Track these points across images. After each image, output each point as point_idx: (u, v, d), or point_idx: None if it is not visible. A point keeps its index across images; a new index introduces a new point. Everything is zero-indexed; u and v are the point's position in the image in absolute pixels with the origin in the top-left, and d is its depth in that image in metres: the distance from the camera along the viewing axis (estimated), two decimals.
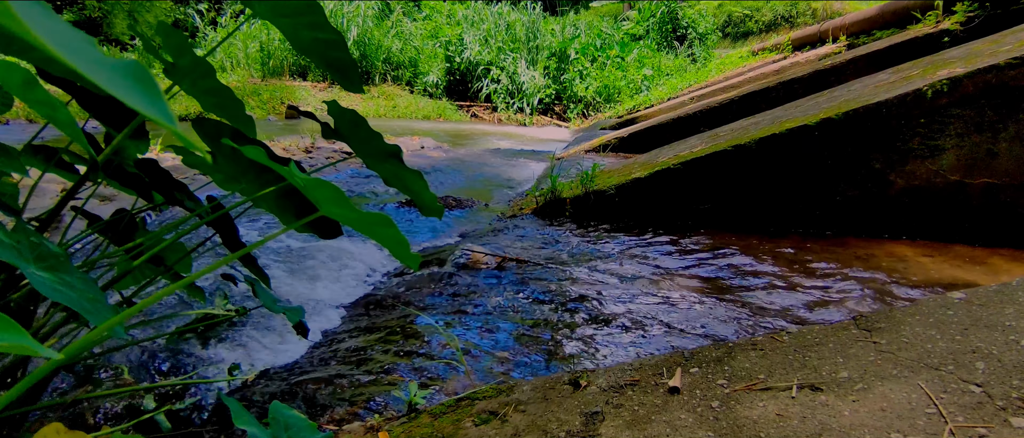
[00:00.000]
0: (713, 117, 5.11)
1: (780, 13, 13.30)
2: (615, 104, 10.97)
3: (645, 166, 3.13)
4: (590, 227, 2.96)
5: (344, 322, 1.93)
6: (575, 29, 13.66)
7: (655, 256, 2.43)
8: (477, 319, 1.85)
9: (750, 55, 10.40)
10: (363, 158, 1.11)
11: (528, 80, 11.33)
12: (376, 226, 0.68)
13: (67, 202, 1.07)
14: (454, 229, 3.16)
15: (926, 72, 2.59)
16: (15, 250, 0.70)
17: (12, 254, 0.68)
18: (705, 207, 2.87)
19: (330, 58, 1.05)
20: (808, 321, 1.71)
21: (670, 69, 12.05)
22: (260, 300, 1.33)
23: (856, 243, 2.45)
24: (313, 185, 0.65)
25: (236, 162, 1.02)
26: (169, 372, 1.50)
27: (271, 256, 2.42)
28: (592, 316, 1.83)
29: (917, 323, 1.27)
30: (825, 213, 2.64)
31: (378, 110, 10.18)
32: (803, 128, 2.59)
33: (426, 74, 11.99)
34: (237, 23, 12.64)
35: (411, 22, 13.64)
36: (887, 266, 2.12)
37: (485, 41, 12.13)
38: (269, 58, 11.34)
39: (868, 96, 2.60)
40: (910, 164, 2.46)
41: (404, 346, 1.64)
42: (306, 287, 2.13)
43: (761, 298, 1.92)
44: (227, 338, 1.66)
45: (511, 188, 4.44)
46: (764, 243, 2.51)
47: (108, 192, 3.14)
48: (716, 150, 2.79)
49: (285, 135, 6.18)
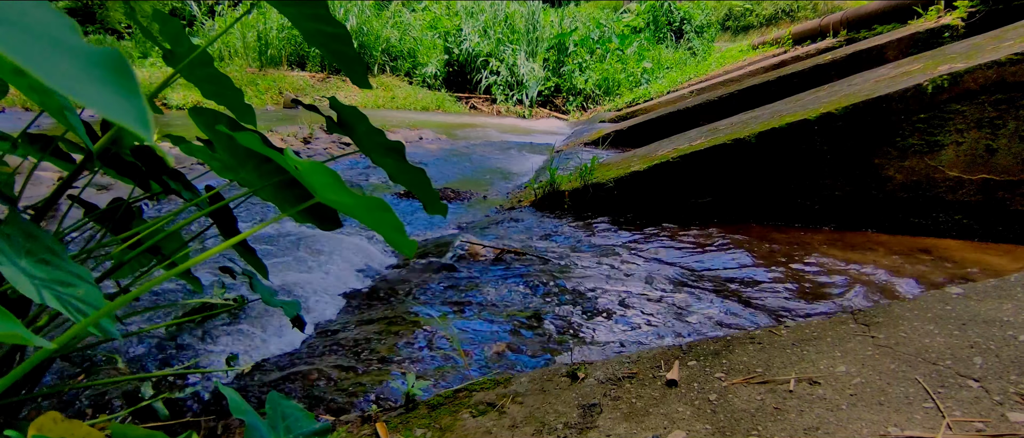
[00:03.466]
0: (713, 111, 5.10)
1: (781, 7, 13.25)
2: (614, 97, 10.94)
3: (644, 159, 3.13)
4: (588, 220, 2.96)
5: (342, 313, 1.93)
6: (574, 21, 13.60)
7: (653, 249, 2.43)
8: (475, 310, 1.84)
9: (750, 49, 10.37)
10: (366, 153, 1.11)
11: (527, 72, 11.29)
12: (372, 211, 0.68)
13: (64, 191, 1.06)
14: (452, 221, 3.15)
15: (927, 67, 2.59)
16: (6, 243, 0.69)
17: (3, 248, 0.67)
18: (704, 201, 2.86)
19: (335, 50, 1.04)
20: (807, 315, 1.71)
21: (670, 62, 12.02)
22: (257, 293, 1.33)
23: (855, 237, 2.46)
24: (309, 170, 0.64)
25: (234, 151, 1.01)
26: (167, 362, 1.50)
27: (270, 247, 2.41)
28: (590, 308, 1.83)
29: (915, 318, 1.28)
30: (824, 207, 2.64)
31: (376, 101, 10.13)
32: (803, 122, 2.59)
33: (425, 65, 11.94)
34: (235, 13, 12.56)
35: (410, 13, 13.56)
36: (885, 261, 2.13)
37: (484, 32, 12.07)
38: (267, 47, 11.27)
39: (868, 91, 2.60)
40: (909, 159, 2.45)
41: (402, 337, 1.64)
42: (304, 278, 2.13)
43: (759, 291, 1.92)
44: (226, 328, 1.66)
45: (510, 180, 4.43)
46: (763, 237, 2.51)
47: (105, 181, 3.13)
48: (716, 144, 2.79)
49: (283, 125, 6.15)
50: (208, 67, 1.07)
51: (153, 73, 9.29)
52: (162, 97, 7.64)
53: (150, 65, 10.23)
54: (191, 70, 1.09)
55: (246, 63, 11.07)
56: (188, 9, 13.40)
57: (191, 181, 1.29)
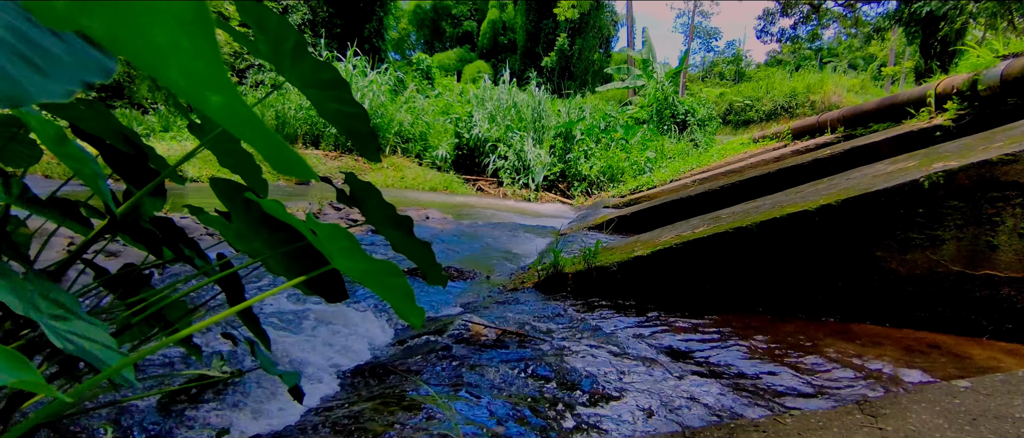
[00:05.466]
0: (715, 200, 5.20)
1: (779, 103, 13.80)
2: (618, 183, 11.19)
3: (647, 244, 3.16)
4: (591, 303, 2.95)
5: (340, 389, 1.89)
6: (581, 111, 14.16)
7: (655, 334, 2.41)
8: (475, 392, 1.81)
9: (751, 142, 10.70)
10: (375, 225, 1.15)
11: (534, 157, 11.63)
12: (385, 276, 0.70)
13: (79, 255, 1.09)
14: (455, 300, 3.15)
15: (922, 164, 2.67)
16: (29, 301, 0.72)
17: (26, 306, 0.70)
18: (707, 288, 2.86)
19: (351, 128, 1.11)
20: (812, 405, 1.67)
21: (673, 152, 12.39)
22: (258, 361, 1.32)
23: (860, 328, 2.43)
24: (330, 234, 0.67)
25: (250, 220, 1.05)
26: (157, 435, 1.46)
27: (272, 320, 2.41)
28: (591, 393, 1.79)
29: (923, 410, 1.25)
30: (828, 298, 2.63)
31: (387, 180, 10.39)
32: (803, 213, 2.64)
33: (435, 148, 12.34)
34: (257, 96, 13.19)
35: (424, 99, 14.18)
36: (891, 353, 2.09)
37: (493, 119, 12.56)
38: (284, 126, 11.74)
39: (866, 185, 2.67)
40: (911, 253, 2.47)
41: (399, 417, 1.60)
42: (304, 352, 2.11)
43: (763, 380, 1.88)
44: (221, 400, 1.63)
45: (514, 261, 4.46)
46: (766, 325, 2.49)
47: (114, 248, 3.17)
48: (718, 231, 2.83)
49: (294, 200, 6.29)
50: (234, 143, 1.14)
51: (173, 146, 9.64)
52: (180, 170, 7.88)
53: (170, 138, 10.64)
54: (216, 143, 1.15)
55: None
56: None
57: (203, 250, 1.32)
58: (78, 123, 1.06)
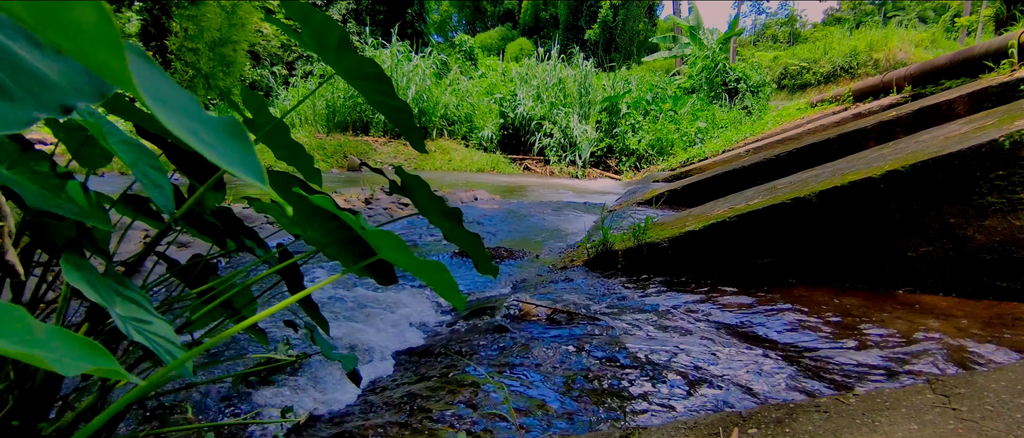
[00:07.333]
0: (770, 169, 5.00)
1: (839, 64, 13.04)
2: (668, 157, 10.92)
3: (699, 219, 3.08)
4: (642, 280, 2.91)
5: (395, 370, 1.96)
6: (627, 84, 13.84)
7: (710, 311, 2.36)
8: (527, 371, 1.83)
9: (808, 107, 10.19)
10: (425, 215, 1.17)
11: (580, 134, 11.49)
12: (430, 271, 0.72)
13: (152, 248, 1.16)
14: (505, 280, 3.18)
15: (1002, 122, 2.47)
16: (104, 292, 0.78)
17: (101, 296, 0.75)
18: (764, 262, 2.77)
19: (397, 120, 1.13)
20: (878, 383, 1.60)
21: (724, 122, 11.95)
22: (318, 346, 1.38)
23: (931, 301, 2.30)
24: (376, 235, 0.69)
25: (304, 210, 1.09)
26: (232, 412, 1.56)
27: (330, 305, 2.51)
28: (644, 371, 1.78)
29: (1003, 390, 1.17)
30: (895, 269, 2.50)
31: (435, 164, 10.53)
32: (867, 181, 2.50)
33: (481, 129, 12.37)
34: (307, 86, 13.56)
35: (467, 80, 14.20)
36: (967, 327, 1.97)
37: (538, 97, 12.46)
38: (334, 114, 12.05)
39: (938, 147, 2.50)
40: (989, 219, 2.31)
41: (453, 396, 1.64)
42: (361, 335, 2.19)
43: (825, 357, 1.82)
44: (287, 382, 1.72)
45: (562, 240, 4.45)
46: (828, 299, 2.39)
47: (184, 239, 3.37)
48: (775, 202, 2.72)
49: (347, 187, 6.48)
50: (284, 135, 1.18)
51: None
52: None
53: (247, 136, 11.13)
54: (269, 137, 1.20)
55: (314, 129, 11.83)
56: (266, 82, 14.59)
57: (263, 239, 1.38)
58: (143, 124, 1.12)
